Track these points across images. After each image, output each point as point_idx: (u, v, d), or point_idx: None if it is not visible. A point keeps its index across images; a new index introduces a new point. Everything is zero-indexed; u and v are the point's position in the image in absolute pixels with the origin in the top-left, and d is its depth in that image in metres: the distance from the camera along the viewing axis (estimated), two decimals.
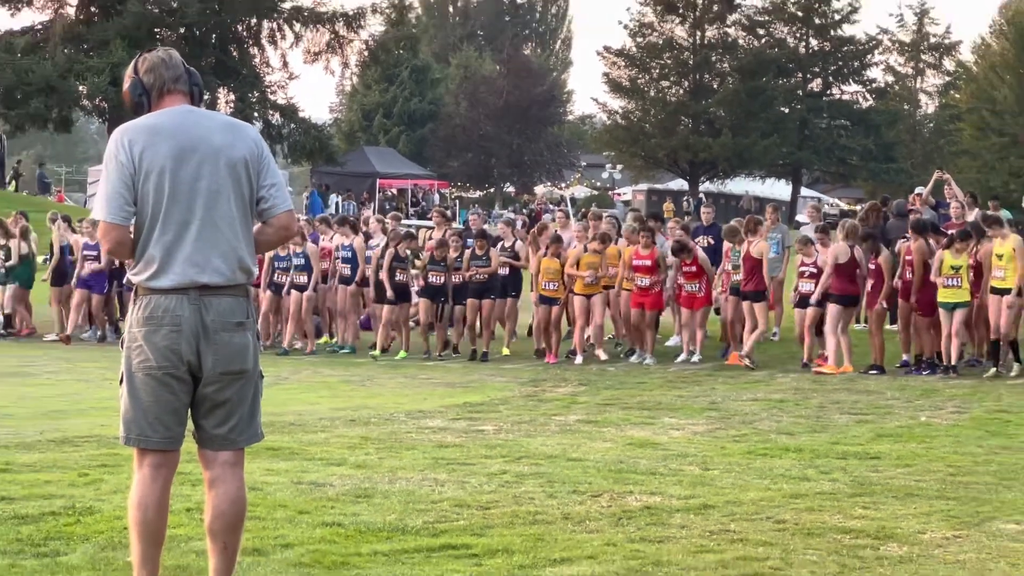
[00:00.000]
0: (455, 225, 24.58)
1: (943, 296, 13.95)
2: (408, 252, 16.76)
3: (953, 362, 13.95)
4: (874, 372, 14.24)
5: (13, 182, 37.11)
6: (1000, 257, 13.83)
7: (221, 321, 4.11)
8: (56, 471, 7.42)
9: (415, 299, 16.99)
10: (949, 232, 14.77)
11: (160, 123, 4.09)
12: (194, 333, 4.06)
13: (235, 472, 4.25)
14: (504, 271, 16.56)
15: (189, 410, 4.17)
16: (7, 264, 19.23)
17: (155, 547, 4.20)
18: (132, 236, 4.22)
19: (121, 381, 4.15)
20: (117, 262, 16.81)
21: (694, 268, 15.43)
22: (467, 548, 5.61)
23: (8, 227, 19.56)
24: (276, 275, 17.11)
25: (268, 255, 16.43)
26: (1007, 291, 13.70)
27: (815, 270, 14.77)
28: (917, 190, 20.89)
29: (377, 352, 16.72)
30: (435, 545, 5.65)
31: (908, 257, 14.49)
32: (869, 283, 14.70)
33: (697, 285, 15.47)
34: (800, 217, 31.01)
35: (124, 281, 16.79)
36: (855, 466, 8.27)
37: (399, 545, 5.64)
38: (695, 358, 15.54)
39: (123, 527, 4.88)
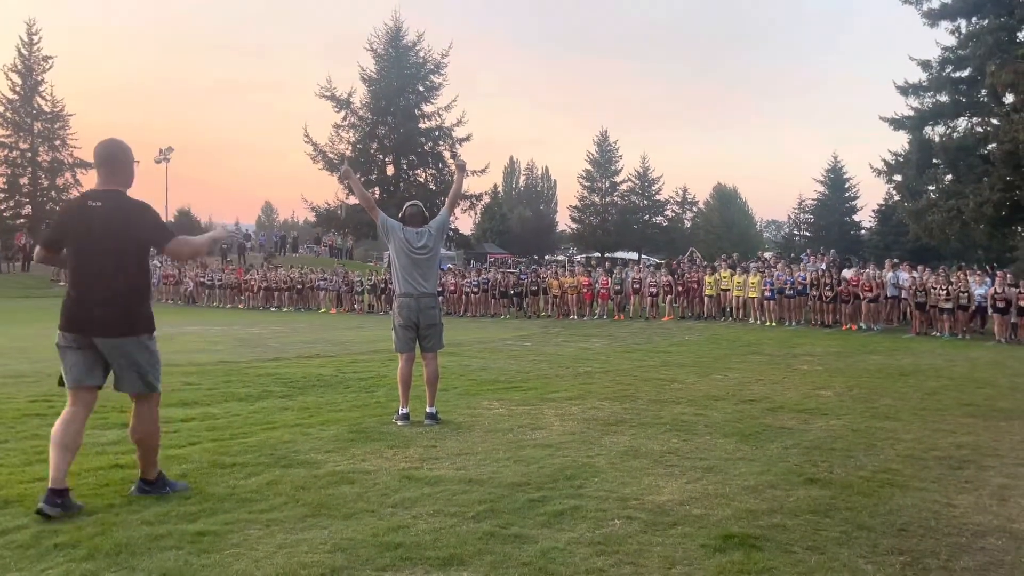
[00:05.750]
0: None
1: (707, 291, 21.55)
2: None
3: (707, 316, 21.44)
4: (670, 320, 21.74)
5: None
6: (724, 277, 21.51)
7: (426, 305, 6.73)
8: (371, 363, 11.20)
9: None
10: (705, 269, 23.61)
11: (407, 230, 6.78)
12: (415, 311, 6.70)
13: (434, 360, 6.84)
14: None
15: (416, 339, 6.77)
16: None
17: (406, 389, 6.81)
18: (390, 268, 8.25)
19: (392, 328, 6.82)
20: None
21: (606, 281, 23.41)
22: (520, 387, 9.05)
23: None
24: (465, 288, 25.35)
25: (463, 280, 25.61)
26: (725, 290, 21.32)
27: (655, 283, 22.79)
28: (680, 256, 31.64)
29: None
30: (508, 387, 9.07)
31: (688, 277, 22.48)
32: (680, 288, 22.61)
33: (605, 290, 23.22)
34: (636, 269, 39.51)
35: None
36: (661, 355, 12.87)
37: (496, 386, 9.03)
38: (604, 317, 22.80)
39: (394, 382, 7.39)
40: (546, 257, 66.47)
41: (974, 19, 27.51)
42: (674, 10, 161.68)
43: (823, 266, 22.50)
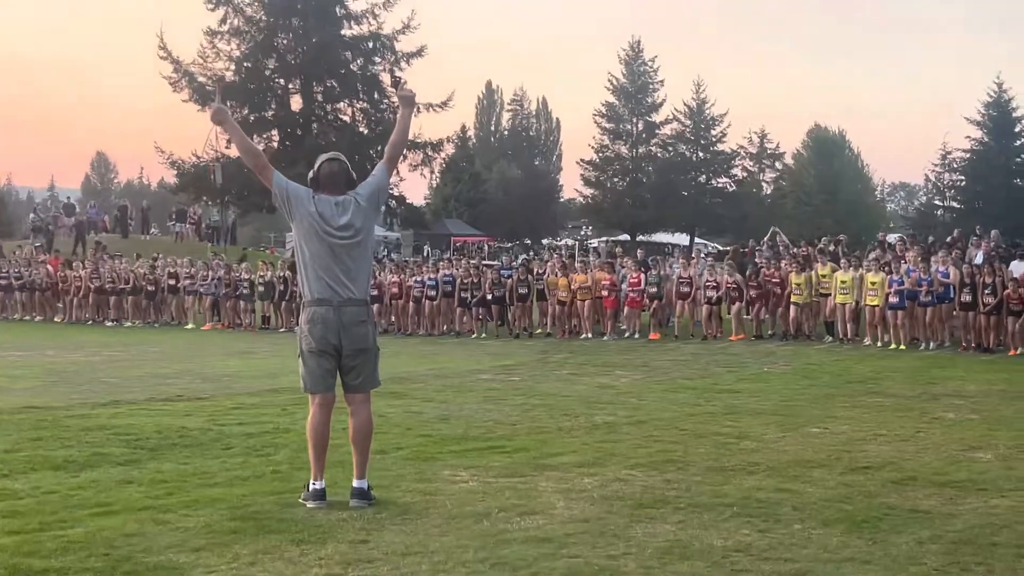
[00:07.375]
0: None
1: (796, 297, 22.11)
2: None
3: (796, 334, 22.13)
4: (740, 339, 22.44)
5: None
6: (823, 276, 22.18)
7: (353, 318, 6.68)
8: (266, 410, 11.39)
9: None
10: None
11: (321, 200, 6.74)
12: (335, 328, 6.64)
13: (365, 406, 6.86)
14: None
15: (338, 372, 6.76)
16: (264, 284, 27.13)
17: (322, 451, 6.79)
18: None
19: (298, 355, 6.79)
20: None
21: (638, 280, 23.97)
22: (502, 447, 9.14)
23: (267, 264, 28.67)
24: (416, 290, 25.64)
25: (408, 281, 25.80)
26: (825, 295, 22.02)
27: (715, 283, 23.20)
28: (750, 242, 32.53)
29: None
30: (484, 446, 9.20)
31: (767, 275, 23.01)
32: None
33: (636, 293, 23.94)
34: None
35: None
36: (725, 397, 13.30)
37: (464, 447, 9.18)
38: (635, 335, 23.53)
39: (302, 440, 7.28)
40: (544, 241, 66.82)
41: None
42: None
43: (981, 257, 22.68)
